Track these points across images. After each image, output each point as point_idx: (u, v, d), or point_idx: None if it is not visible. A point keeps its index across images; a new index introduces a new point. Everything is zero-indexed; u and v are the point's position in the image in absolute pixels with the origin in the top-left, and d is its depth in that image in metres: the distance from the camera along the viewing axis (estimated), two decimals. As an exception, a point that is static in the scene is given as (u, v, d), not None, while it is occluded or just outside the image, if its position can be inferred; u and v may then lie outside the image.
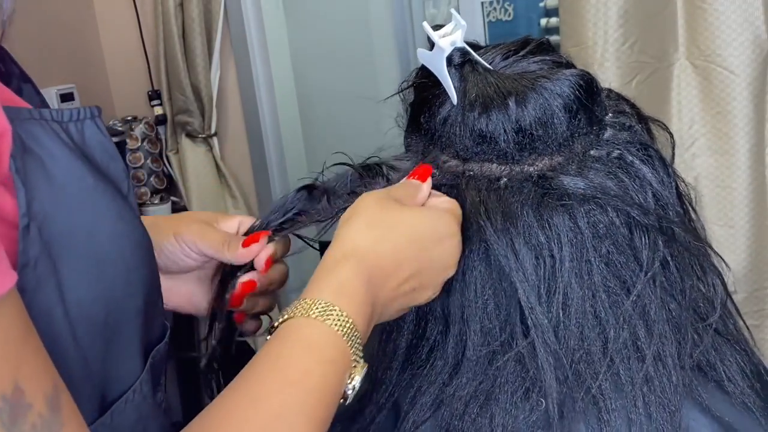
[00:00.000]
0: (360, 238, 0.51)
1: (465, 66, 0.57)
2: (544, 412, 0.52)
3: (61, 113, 0.43)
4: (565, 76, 0.54)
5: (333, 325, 0.46)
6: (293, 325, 0.46)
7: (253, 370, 0.45)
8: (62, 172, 0.41)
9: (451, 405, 0.54)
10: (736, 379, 0.55)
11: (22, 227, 0.38)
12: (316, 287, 0.49)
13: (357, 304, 0.48)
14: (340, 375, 0.46)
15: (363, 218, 0.53)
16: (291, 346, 0.45)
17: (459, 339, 0.55)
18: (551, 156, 0.55)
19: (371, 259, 0.50)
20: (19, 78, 0.50)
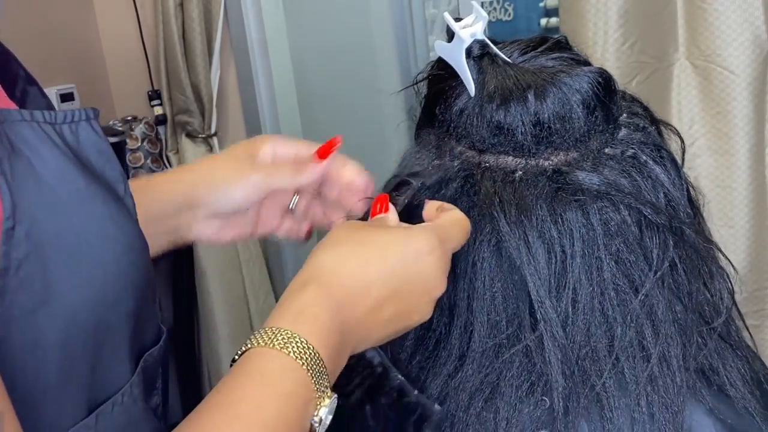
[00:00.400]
0: (324, 260, 0.48)
1: (484, 58, 0.58)
2: (549, 409, 0.52)
3: (54, 115, 0.43)
4: (584, 72, 0.55)
5: (292, 354, 0.42)
6: (250, 356, 0.44)
7: (207, 405, 0.42)
8: (52, 174, 0.41)
9: (455, 397, 0.54)
10: (737, 384, 0.56)
11: (6, 230, 0.37)
12: (277, 315, 0.46)
13: (320, 331, 0.44)
14: (299, 408, 0.42)
15: (329, 242, 0.50)
16: (245, 378, 0.42)
17: (464, 330, 0.56)
18: (567, 151, 0.56)
19: (335, 279, 0.47)
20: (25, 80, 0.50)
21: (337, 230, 0.51)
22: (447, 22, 0.57)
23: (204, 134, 1.91)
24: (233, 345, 1.92)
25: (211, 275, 1.89)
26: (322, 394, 0.44)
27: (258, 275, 1.95)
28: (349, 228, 0.51)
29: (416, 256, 0.49)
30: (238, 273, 1.92)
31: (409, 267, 0.49)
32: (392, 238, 0.50)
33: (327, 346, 0.44)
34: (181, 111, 1.90)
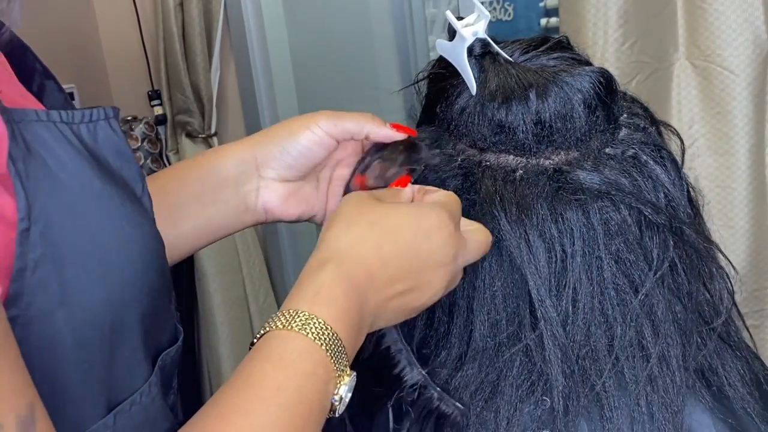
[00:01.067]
0: (339, 241, 0.49)
1: (486, 57, 0.58)
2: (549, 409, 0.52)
3: (71, 115, 0.43)
4: (586, 72, 0.55)
5: (310, 334, 0.43)
6: (268, 339, 0.44)
7: (227, 387, 0.43)
8: (68, 175, 0.41)
9: (456, 397, 0.54)
10: (736, 385, 0.56)
11: (21, 230, 0.37)
12: (294, 297, 0.46)
13: (338, 311, 0.45)
14: (320, 388, 0.43)
15: (342, 220, 0.50)
16: (264, 360, 0.43)
17: (464, 330, 0.56)
18: (568, 150, 0.56)
19: (352, 261, 0.48)
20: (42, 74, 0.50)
21: (348, 207, 0.51)
22: (449, 20, 0.57)
23: (204, 134, 1.91)
24: (233, 345, 1.91)
25: (212, 275, 1.89)
26: (341, 373, 0.44)
27: (258, 275, 1.95)
28: (361, 205, 0.51)
29: (428, 233, 0.50)
30: (238, 273, 1.92)
31: (421, 244, 0.50)
32: (404, 217, 0.51)
33: (345, 326, 0.45)
34: (181, 111, 1.90)
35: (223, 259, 1.89)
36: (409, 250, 0.50)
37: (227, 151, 0.64)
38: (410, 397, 0.55)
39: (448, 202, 0.53)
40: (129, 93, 2.02)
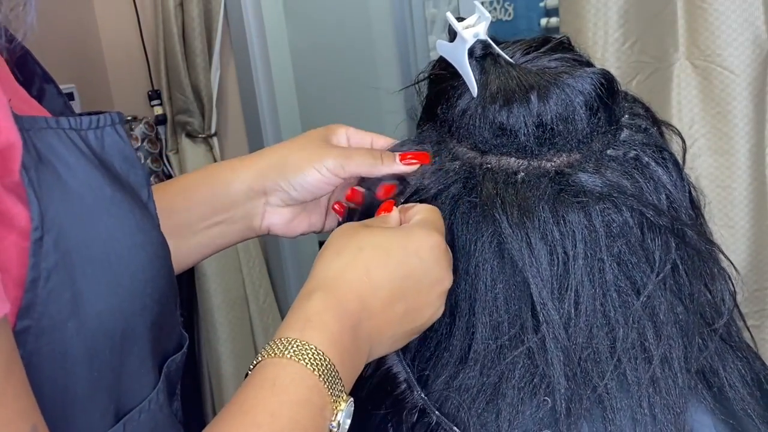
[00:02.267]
0: (326, 269, 0.49)
1: (486, 58, 0.57)
2: (550, 408, 0.52)
3: (80, 121, 0.42)
4: (587, 73, 0.55)
5: (302, 361, 0.43)
6: (263, 367, 0.44)
7: (223, 414, 0.43)
8: (79, 183, 0.40)
9: (457, 399, 0.54)
10: (737, 386, 0.56)
11: (34, 240, 0.37)
12: (286, 326, 0.46)
13: (330, 338, 0.45)
14: (314, 414, 0.43)
15: (331, 250, 0.51)
16: (258, 387, 0.43)
17: (466, 332, 0.55)
18: (569, 153, 0.55)
19: (341, 288, 0.48)
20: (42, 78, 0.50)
21: (337, 238, 0.52)
22: (449, 21, 0.57)
23: (204, 134, 1.91)
24: (233, 345, 1.91)
25: (211, 276, 1.89)
26: (337, 399, 0.44)
27: (258, 275, 1.95)
28: (349, 234, 0.51)
29: (418, 253, 0.50)
30: (238, 273, 1.92)
31: (413, 264, 0.50)
32: (392, 239, 0.50)
33: (338, 352, 0.45)
34: (181, 111, 1.90)
35: (223, 259, 1.89)
36: (400, 271, 0.49)
37: (236, 174, 0.65)
38: (410, 420, 0.55)
39: (430, 218, 0.53)
40: (129, 93, 2.02)
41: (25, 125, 0.38)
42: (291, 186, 0.62)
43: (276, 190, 0.63)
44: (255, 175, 0.64)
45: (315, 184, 0.62)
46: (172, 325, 0.50)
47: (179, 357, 0.51)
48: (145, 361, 0.46)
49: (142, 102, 2.00)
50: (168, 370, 0.49)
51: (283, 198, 0.64)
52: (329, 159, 0.61)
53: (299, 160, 0.62)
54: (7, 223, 0.36)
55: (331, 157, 0.61)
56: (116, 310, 0.42)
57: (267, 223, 0.65)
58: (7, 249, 0.36)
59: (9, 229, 0.36)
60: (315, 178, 0.61)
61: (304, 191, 0.62)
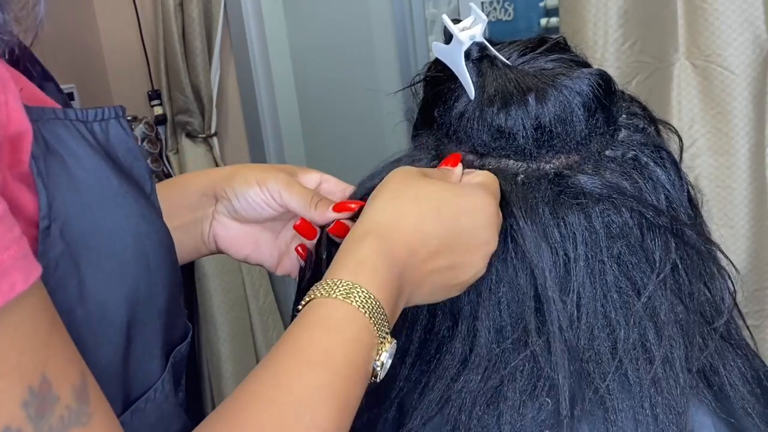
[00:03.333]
0: (381, 213, 0.50)
1: (483, 61, 0.57)
2: (552, 411, 0.52)
3: (86, 113, 0.43)
4: (585, 74, 0.54)
5: (354, 302, 0.45)
6: (314, 306, 0.46)
7: (276, 353, 0.44)
8: (86, 172, 0.41)
9: (458, 402, 0.54)
10: (736, 384, 0.55)
11: (43, 228, 0.38)
12: (337, 267, 0.48)
13: (379, 281, 0.47)
14: (364, 353, 0.45)
15: (387, 192, 0.52)
16: (312, 327, 0.45)
17: (467, 335, 0.55)
18: (568, 154, 0.55)
19: (392, 234, 0.49)
20: (41, 76, 0.50)
21: (394, 182, 0.52)
22: (445, 23, 0.56)
23: (204, 134, 1.91)
24: (233, 345, 1.91)
25: (212, 276, 1.89)
26: (383, 340, 0.46)
27: (258, 275, 1.95)
28: (407, 180, 0.52)
29: (470, 212, 0.51)
30: (238, 273, 1.92)
31: (463, 222, 0.51)
32: (447, 194, 0.51)
33: (386, 296, 0.47)
34: (181, 111, 1.90)
35: (223, 259, 1.89)
36: (451, 227, 0.51)
37: (193, 179, 0.67)
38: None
39: (488, 182, 0.54)
40: (129, 93, 2.02)
41: (34, 116, 0.39)
42: (235, 196, 0.63)
43: (223, 197, 0.64)
44: (209, 181, 0.65)
45: (256, 200, 0.63)
46: (177, 315, 0.51)
47: (184, 347, 0.52)
48: (151, 350, 0.46)
49: (142, 102, 2.00)
50: (174, 360, 0.50)
51: (228, 208, 0.64)
52: (273, 182, 0.62)
53: (249, 175, 0.63)
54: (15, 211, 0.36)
55: (275, 182, 0.62)
56: (121, 299, 0.42)
57: (213, 233, 0.66)
58: None
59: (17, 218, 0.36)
60: (256, 194, 0.62)
61: (246, 206, 0.63)
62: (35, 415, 0.33)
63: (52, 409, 0.34)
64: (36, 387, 0.33)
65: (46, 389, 0.34)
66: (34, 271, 0.34)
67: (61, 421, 0.34)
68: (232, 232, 0.66)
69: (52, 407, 0.34)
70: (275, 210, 0.63)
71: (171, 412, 0.49)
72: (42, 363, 0.34)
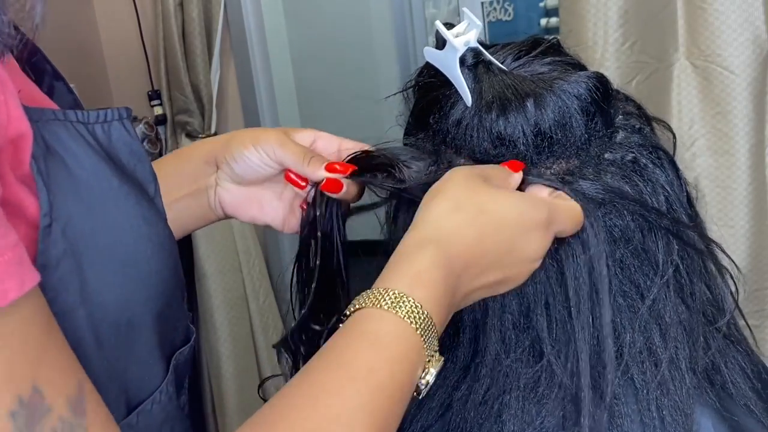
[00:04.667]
0: (444, 222, 0.48)
1: (479, 66, 0.56)
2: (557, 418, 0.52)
3: (87, 115, 0.43)
4: (582, 77, 0.54)
5: (407, 318, 0.43)
6: (362, 316, 0.44)
7: (317, 363, 0.42)
8: (86, 173, 0.41)
9: (459, 409, 0.54)
10: (738, 381, 0.55)
11: (44, 227, 0.38)
12: (392, 275, 0.45)
13: (435, 296, 0.44)
14: (410, 371, 0.43)
15: (449, 199, 0.49)
16: (357, 340, 0.43)
17: (470, 343, 0.55)
18: (568, 159, 0.55)
19: (454, 246, 0.47)
20: (51, 75, 0.50)
21: (456, 186, 0.50)
22: (438, 29, 0.55)
23: (204, 134, 1.91)
24: (233, 345, 1.91)
25: (211, 276, 1.89)
26: (431, 358, 0.44)
27: (258, 275, 1.95)
28: (470, 187, 0.50)
29: (527, 230, 0.50)
30: (238, 273, 1.92)
31: (518, 239, 0.49)
32: (511, 209, 0.50)
33: (438, 311, 0.45)
34: (181, 111, 1.90)
35: (223, 259, 1.89)
36: (507, 244, 0.49)
37: (196, 148, 0.67)
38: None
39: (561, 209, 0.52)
40: (129, 93, 2.02)
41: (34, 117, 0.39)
42: (234, 159, 0.63)
43: (222, 162, 0.65)
44: (209, 149, 0.66)
45: (253, 161, 0.63)
46: (179, 318, 0.50)
47: (187, 350, 0.52)
48: (152, 352, 0.46)
49: (142, 102, 2.00)
50: (176, 363, 0.50)
51: (228, 173, 0.65)
52: (267, 141, 0.62)
53: (245, 138, 0.64)
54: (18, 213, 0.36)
55: (269, 140, 0.62)
56: (122, 300, 0.42)
57: (218, 198, 0.67)
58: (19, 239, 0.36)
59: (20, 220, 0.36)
60: (252, 154, 0.63)
61: (245, 167, 0.63)
62: (24, 426, 0.32)
63: (43, 421, 0.33)
64: (26, 397, 0.33)
65: (38, 400, 0.33)
66: (30, 278, 0.34)
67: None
68: (236, 195, 0.66)
69: (43, 419, 0.33)
70: (272, 168, 0.63)
71: (175, 415, 0.49)
72: (33, 373, 0.33)
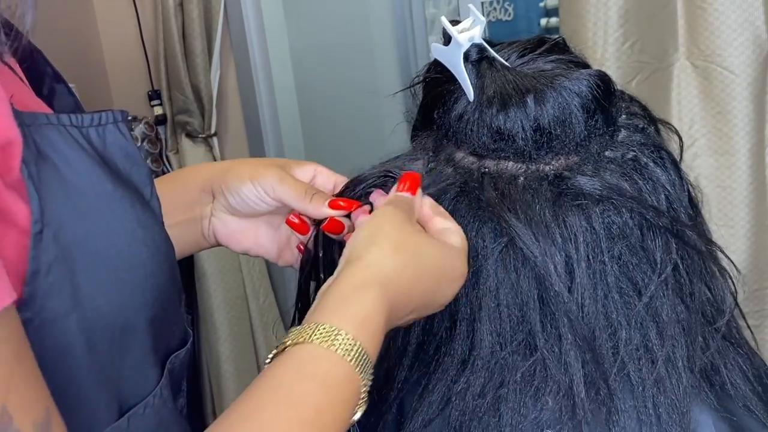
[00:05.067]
0: (387, 264, 0.49)
1: (482, 62, 0.57)
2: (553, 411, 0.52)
3: (81, 118, 0.43)
4: (583, 75, 0.54)
5: (353, 362, 0.43)
6: (311, 354, 0.44)
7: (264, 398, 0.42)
8: (79, 177, 0.41)
9: (458, 403, 0.54)
10: (738, 382, 0.55)
11: (35, 233, 0.37)
12: (338, 313, 0.45)
13: (377, 341, 0.46)
14: (348, 412, 0.44)
15: (388, 240, 0.50)
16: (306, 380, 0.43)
17: (467, 336, 0.55)
18: (567, 156, 0.55)
19: (394, 289, 0.48)
20: (53, 78, 0.50)
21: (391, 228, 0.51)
22: (444, 25, 0.56)
23: (204, 134, 1.91)
24: (233, 345, 1.91)
25: (211, 276, 1.89)
26: (361, 401, 0.45)
27: (258, 275, 1.95)
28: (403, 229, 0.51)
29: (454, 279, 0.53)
30: (238, 273, 1.92)
31: (446, 286, 0.53)
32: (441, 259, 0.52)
33: (376, 350, 0.46)
34: (181, 111, 1.90)
35: (223, 259, 1.89)
36: (435, 285, 0.52)
37: (193, 175, 0.67)
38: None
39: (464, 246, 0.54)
40: (129, 93, 2.02)
41: (26, 121, 0.38)
42: (230, 192, 0.63)
43: (219, 194, 0.64)
44: (206, 177, 0.65)
45: (250, 197, 0.62)
46: (175, 321, 0.50)
47: (183, 353, 0.52)
48: (147, 356, 0.46)
49: (142, 102, 2.00)
50: (171, 366, 0.49)
51: (224, 204, 0.64)
52: (265, 178, 0.61)
53: (242, 171, 0.63)
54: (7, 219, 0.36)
55: (268, 177, 0.61)
56: (116, 304, 0.42)
57: (212, 228, 0.66)
58: (8, 246, 0.36)
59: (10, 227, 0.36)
60: (250, 191, 0.62)
61: (241, 202, 0.63)
62: None
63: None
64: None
65: (7, 422, 0.33)
66: (7, 297, 0.33)
67: None
68: (231, 227, 0.66)
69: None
70: (270, 205, 0.63)
71: (170, 419, 0.49)
72: (3, 396, 0.33)
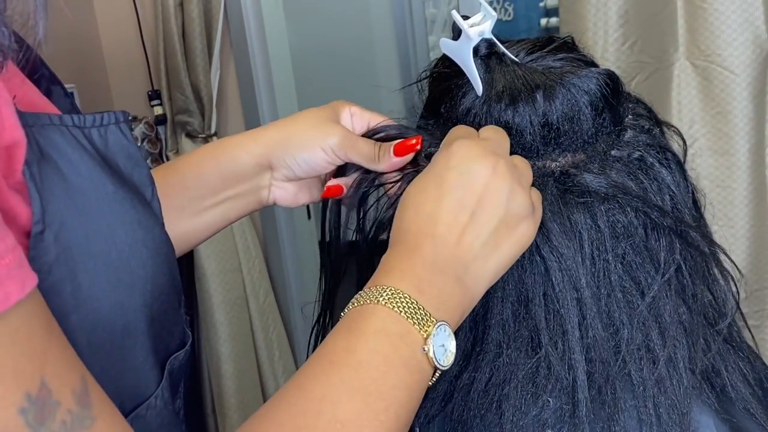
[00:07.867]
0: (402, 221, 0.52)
1: (492, 57, 0.57)
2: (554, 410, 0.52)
3: (83, 119, 0.43)
4: (593, 73, 0.55)
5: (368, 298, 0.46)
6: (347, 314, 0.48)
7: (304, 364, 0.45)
8: (80, 178, 0.41)
9: (460, 399, 0.54)
10: (738, 385, 0.55)
11: (35, 233, 0.38)
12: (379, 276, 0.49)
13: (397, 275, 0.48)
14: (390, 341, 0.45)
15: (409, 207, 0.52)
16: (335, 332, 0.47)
17: (470, 332, 0.55)
18: (574, 153, 0.55)
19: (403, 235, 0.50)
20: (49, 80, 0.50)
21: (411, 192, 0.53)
22: (455, 19, 0.56)
23: (204, 134, 1.91)
24: (233, 345, 1.91)
25: (211, 276, 1.89)
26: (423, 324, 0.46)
27: (258, 275, 1.95)
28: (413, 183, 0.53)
29: (457, 161, 0.51)
30: (238, 273, 1.92)
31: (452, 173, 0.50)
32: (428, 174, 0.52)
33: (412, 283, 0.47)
34: (180, 111, 1.90)
35: (223, 259, 1.89)
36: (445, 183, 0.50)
37: (243, 150, 0.65)
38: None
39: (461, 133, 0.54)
40: (129, 93, 2.02)
41: (29, 121, 0.39)
42: (295, 163, 0.63)
43: (281, 166, 0.64)
44: (262, 150, 0.64)
45: (319, 162, 0.62)
46: (174, 323, 0.50)
47: (182, 355, 0.52)
48: (147, 358, 0.46)
49: (142, 102, 2.00)
50: (171, 368, 0.50)
51: (286, 174, 0.65)
52: (334, 140, 0.61)
53: (305, 138, 0.62)
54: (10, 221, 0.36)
55: (336, 139, 0.61)
56: (116, 305, 0.42)
57: (273, 196, 0.67)
58: None
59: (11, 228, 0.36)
60: (319, 157, 0.62)
61: (308, 168, 0.63)
62: (34, 421, 0.33)
63: (53, 415, 0.34)
64: (34, 393, 0.33)
65: (46, 395, 0.34)
66: (30, 280, 0.34)
67: (63, 426, 0.34)
68: (291, 190, 0.67)
69: (53, 413, 0.34)
70: (335, 165, 0.64)
71: (171, 420, 0.49)
72: (40, 369, 0.34)
